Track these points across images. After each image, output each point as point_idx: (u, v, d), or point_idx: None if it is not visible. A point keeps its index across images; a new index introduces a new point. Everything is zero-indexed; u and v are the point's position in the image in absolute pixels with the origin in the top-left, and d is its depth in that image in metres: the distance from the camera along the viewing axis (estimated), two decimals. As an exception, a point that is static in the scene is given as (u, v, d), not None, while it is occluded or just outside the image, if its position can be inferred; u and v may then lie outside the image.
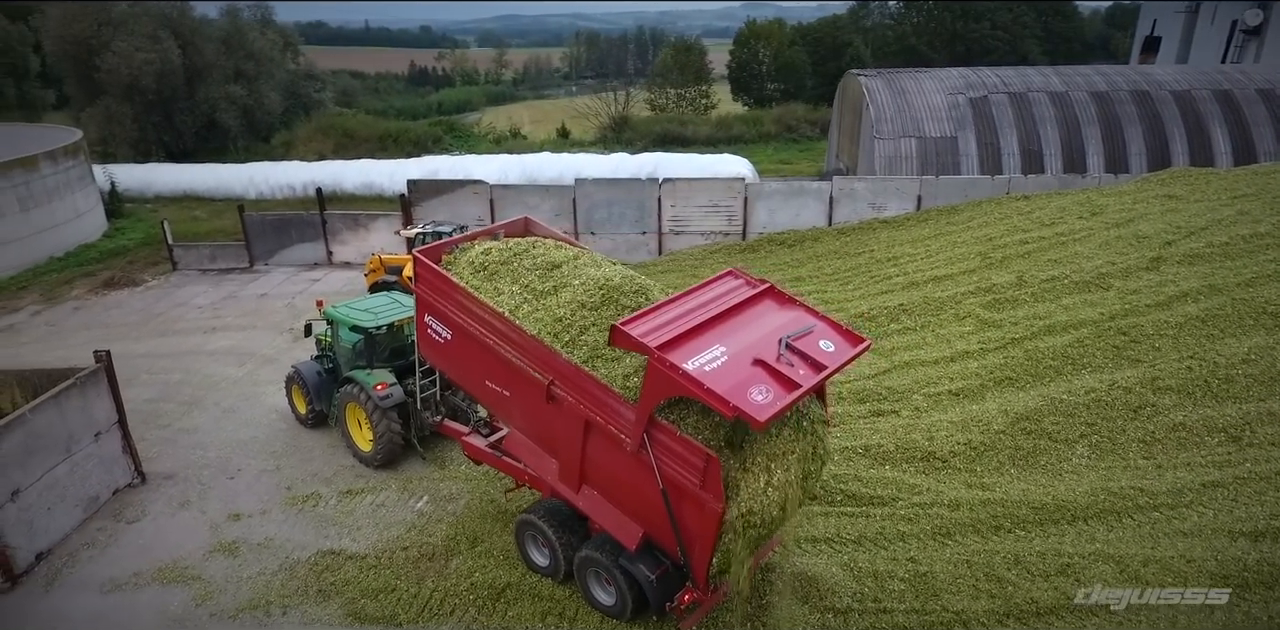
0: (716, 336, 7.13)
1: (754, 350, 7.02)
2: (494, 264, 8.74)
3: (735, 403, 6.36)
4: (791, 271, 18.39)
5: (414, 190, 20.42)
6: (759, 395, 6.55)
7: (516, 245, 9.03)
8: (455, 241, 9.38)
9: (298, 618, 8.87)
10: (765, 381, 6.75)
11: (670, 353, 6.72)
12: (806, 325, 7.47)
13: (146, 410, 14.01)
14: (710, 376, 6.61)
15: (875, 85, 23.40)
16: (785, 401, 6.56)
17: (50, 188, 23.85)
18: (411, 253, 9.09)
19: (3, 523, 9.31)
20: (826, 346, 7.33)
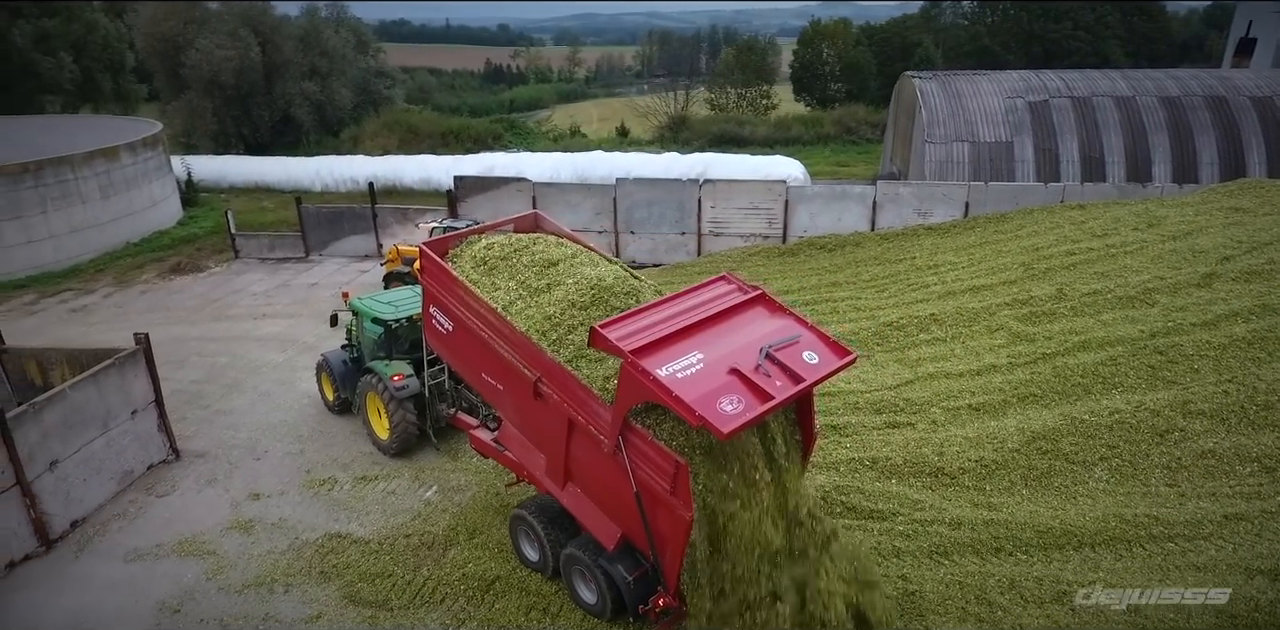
0: (696, 343, 7.06)
1: (732, 358, 6.92)
2: (494, 259, 8.88)
3: (701, 412, 6.29)
4: (828, 277, 18.08)
5: (460, 186, 20.89)
6: (728, 405, 6.46)
7: (519, 241, 9.15)
8: (464, 234, 9.57)
9: (298, 597, 9.23)
10: (738, 391, 6.64)
11: (644, 358, 6.70)
12: (792, 335, 7.34)
13: (191, 390, 14.79)
14: (680, 384, 6.55)
15: (929, 88, 22.75)
16: (755, 413, 6.46)
17: (129, 177, 25.30)
18: (419, 245, 9.32)
19: (40, 491, 9.99)
20: (810, 358, 7.17)
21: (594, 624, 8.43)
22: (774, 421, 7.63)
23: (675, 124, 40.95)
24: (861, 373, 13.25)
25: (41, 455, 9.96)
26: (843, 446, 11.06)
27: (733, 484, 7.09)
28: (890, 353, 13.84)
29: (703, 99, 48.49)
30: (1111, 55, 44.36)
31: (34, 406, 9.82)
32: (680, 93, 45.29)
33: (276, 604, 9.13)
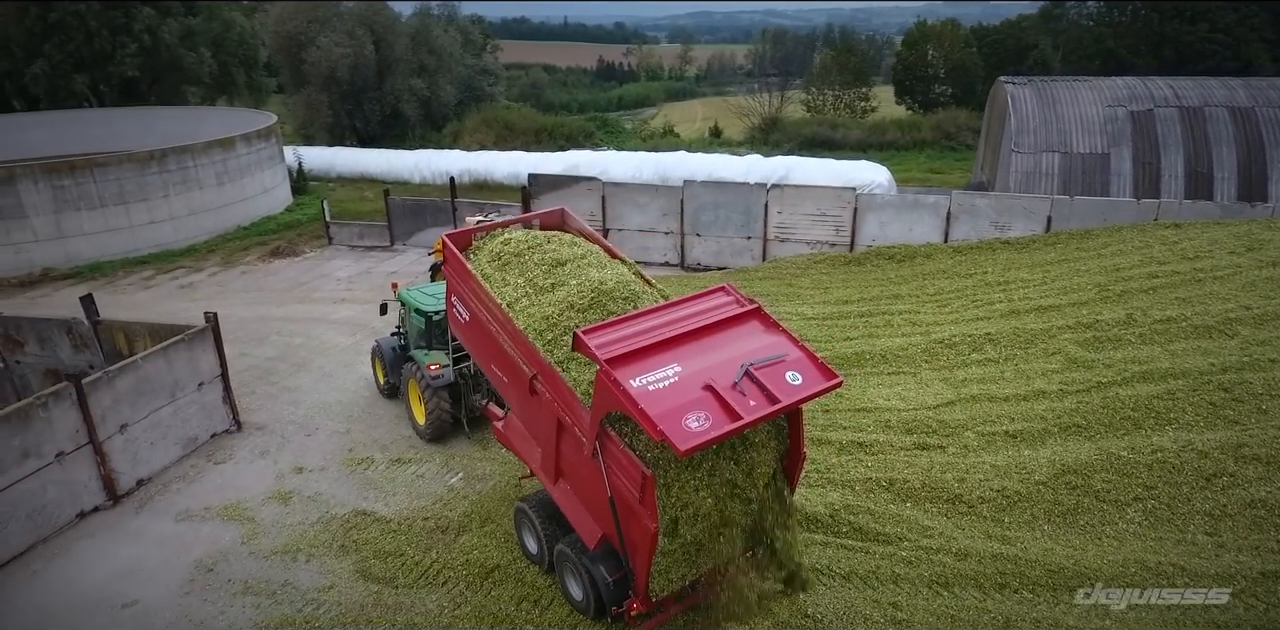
0: (677, 355, 7.03)
1: (710, 374, 6.86)
2: (509, 255, 9.12)
3: (663, 427, 6.27)
4: (892, 288, 17.52)
5: (534, 184, 21.48)
6: (695, 422, 6.42)
7: (534, 238, 9.35)
8: (489, 227, 9.88)
9: (316, 567, 9.87)
10: (708, 408, 6.57)
11: (620, 367, 6.73)
12: (778, 354, 7.21)
13: (265, 367, 15.94)
14: (649, 396, 6.54)
15: (1022, 94, 21.55)
16: (719, 432, 6.39)
17: (243, 166, 27.36)
18: (442, 236, 9.71)
19: (111, 450, 11.08)
20: (793, 379, 7.02)
21: (579, 620, 8.62)
22: (759, 438, 7.55)
23: (767, 125, 40.46)
24: (903, 390, 12.85)
25: (113, 418, 11.04)
26: (863, 465, 10.79)
27: (708, 500, 7.09)
28: (937, 371, 13.33)
29: (798, 100, 47.62)
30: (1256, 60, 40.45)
31: (108, 374, 10.90)
32: (776, 94, 44.64)
33: (296, 572, 9.79)
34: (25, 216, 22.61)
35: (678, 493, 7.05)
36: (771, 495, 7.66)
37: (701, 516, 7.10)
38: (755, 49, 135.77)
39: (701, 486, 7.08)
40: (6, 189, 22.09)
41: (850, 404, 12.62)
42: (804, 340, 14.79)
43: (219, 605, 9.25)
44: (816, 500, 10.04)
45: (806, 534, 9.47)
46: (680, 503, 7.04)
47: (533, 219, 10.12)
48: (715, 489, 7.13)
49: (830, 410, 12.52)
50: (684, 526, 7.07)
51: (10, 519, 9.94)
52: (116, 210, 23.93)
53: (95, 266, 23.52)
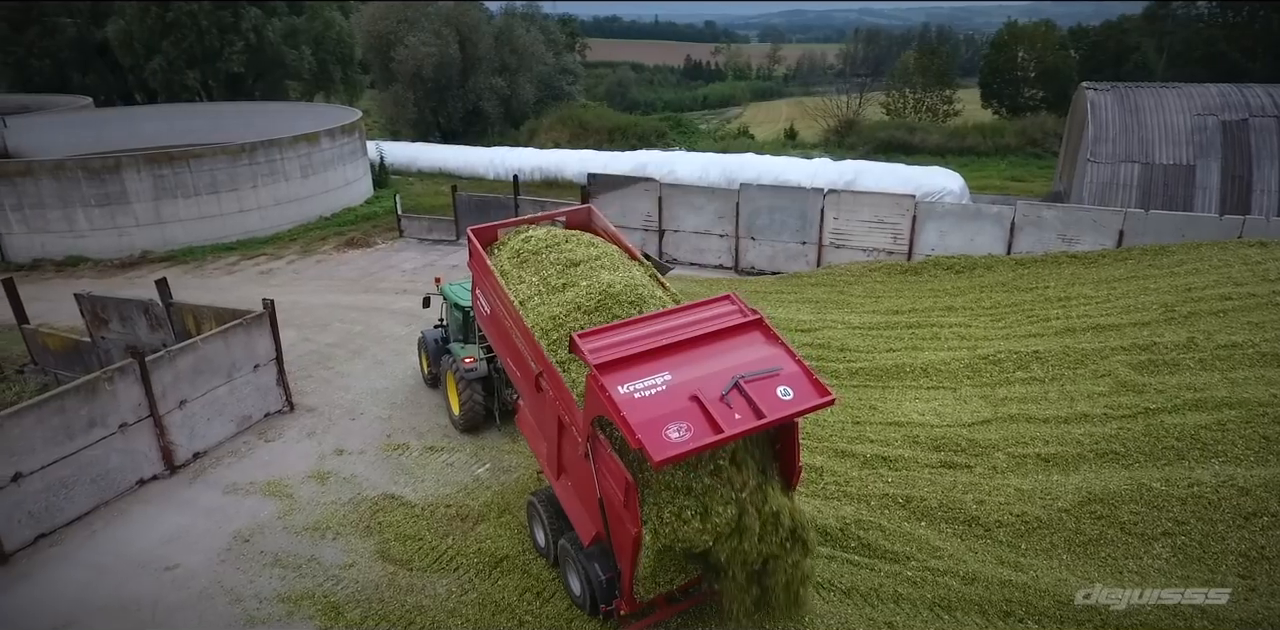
0: (669, 363, 7.05)
1: (699, 384, 6.86)
2: (527, 252, 9.36)
3: (641, 436, 6.33)
4: (946, 300, 16.99)
5: (593, 183, 21.80)
6: (675, 432, 6.44)
7: (553, 237, 9.55)
8: (515, 223, 10.16)
9: (341, 546, 10.40)
10: (691, 419, 6.58)
11: (609, 373, 6.82)
12: (771, 367, 7.14)
13: (323, 352, 16.79)
14: (633, 404, 6.60)
15: (1102, 100, 20.43)
16: (698, 444, 6.40)
17: (327, 159, 28.76)
18: (469, 229, 10.02)
19: (170, 424, 11.95)
20: (783, 394, 6.93)
21: (575, 614, 8.80)
22: (744, 450, 7.54)
23: (843, 128, 39.63)
24: (939, 406, 12.51)
25: (173, 394, 11.90)
26: (884, 480, 10.59)
27: (687, 511, 7.15)
28: (978, 388, 12.91)
29: (878, 102, 46.37)
30: (1396, 65, 37.00)
31: (169, 353, 11.76)
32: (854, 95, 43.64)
33: (323, 549, 10.34)
34: (128, 202, 24.44)
35: (656, 498, 7.13)
36: (766, 507, 7.59)
37: (687, 524, 7.15)
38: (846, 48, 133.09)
39: (684, 496, 7.14)
40: (112, 177, 23.94)
41: (883, 417, 12.38)
42: (844, 349, 14.70)
43: (249, 575, 9.88)
44: (829, 513, 9.92)
45: (812, 547, 9.38)
46: (661, 510, 7.12)
47: (559, 216, 10.31)
48: (699, 499, 7.17)
49: (861, 423, 12.32)
50: (667, 533, 7.14)
51: (76, 482, 10.86)
52: (209, 199, 25.58)
53: (188, 251, 25.21)
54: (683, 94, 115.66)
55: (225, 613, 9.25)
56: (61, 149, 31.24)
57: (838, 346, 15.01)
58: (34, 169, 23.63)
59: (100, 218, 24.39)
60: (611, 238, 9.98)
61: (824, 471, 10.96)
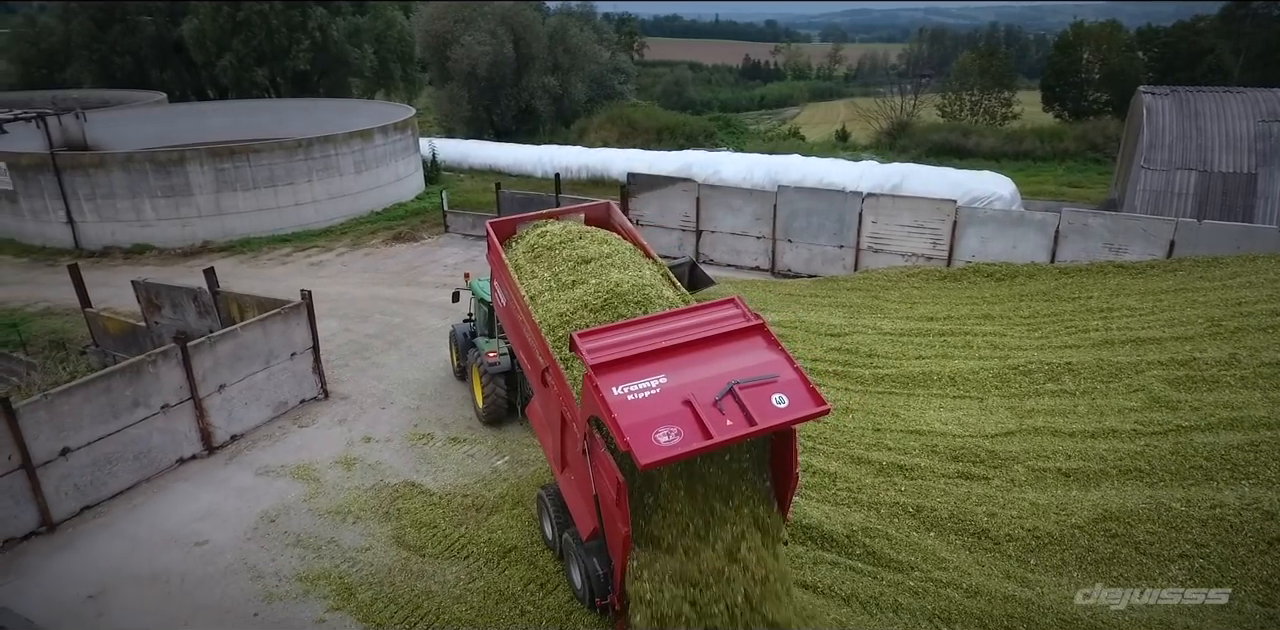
0: (666, 366, 7.05)
1: (693, 388, 6.85)
2: (541, 247, 9.51)
3: (630, 438, 6.36)
4: (983, 308, 16.63)
5: (632, 183, 21.94)
6: (664, 436, 6.45)
7: (569, 233, 9.67)
8: (534, 217, 10.32)
9: (360, 529, 10.77)
10: (682, 424, 6.58)
11: (604, 374, 6.86)
12: (769, 374, 7.10)
13: (362, 342, 17.34)
14: (625, 406, 6.62)
15: (1159, 105, 19.63)
16: (686, 449, 6.39)
17: (380, 155, 29.58)
18: (487, 222, 10.23)
19: (209, 407, 12.53)
20: (778, 402, 6.87)
21: (575, 607, 8.97)
22: (733, 457, 7.55)
23: (895, 130, 38.89)
24: (963, 415, 12.29)
25: (213, 379, 12.47)
26: (896, 488, 10.48)
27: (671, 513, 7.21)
28: (1005, 399, 12.63)
29: (933, 104, 45.30)
30: None
31: (210, 340, 12.33)
32: (908, 97, 42.79)
33: (343, 532, 10.74)
34: (191, 194, 25.58)
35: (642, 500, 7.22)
36: (755, 516, 7.59)
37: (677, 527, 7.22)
38: (909, 48, 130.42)
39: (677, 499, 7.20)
40: (177, 170, 25.08)
41: (904, 425, 12.22)
42: (872, 355, 14.52)
43: (271, 553, 10.32)
44: (837, 519, 9.87)
45: (817, 552, 9.37)
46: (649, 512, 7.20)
47: (579, 211, 10.43)
48: (691, 502, 7.23)
49: (881, 429, 12.19)
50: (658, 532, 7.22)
51: (120, 458, 11.49)
52: (267, 192, 26.59)
53: (246, 242, 26.25)
54: (740, 94, 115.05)
55: (246, 588, 9.70)
56: (135, 142, 32.85)
57: (866, 352, 14.84)
58: (106, 161, 24.92)
59: (165, 208, 25.59)
60: (628, 234, 10.07)
61: (837, 477, 10.89)
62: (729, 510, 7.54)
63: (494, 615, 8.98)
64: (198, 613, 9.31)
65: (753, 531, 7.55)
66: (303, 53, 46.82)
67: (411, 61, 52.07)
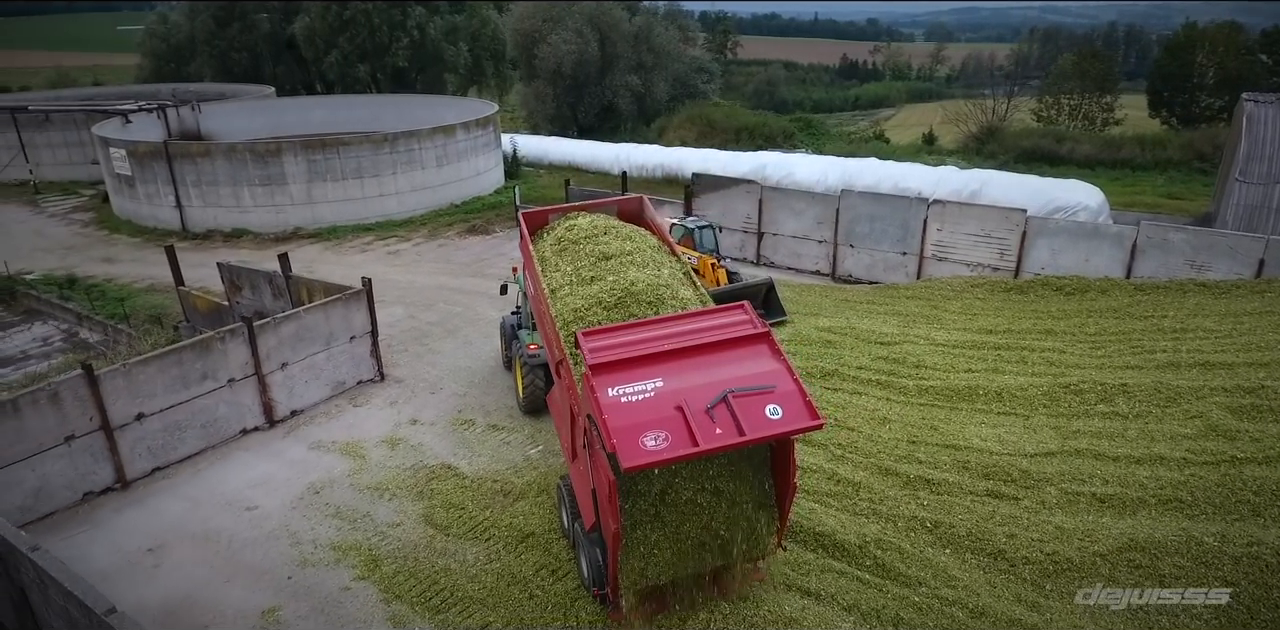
0: (665, 369, 7.14)
1: (688, 394, 6.90)
2: (568, 241, 9.74)
3: (616, 440, 6.50)
4: (1047, 322, 15.96)
5: (697, 183, 22.03)
6: (651, 441, 6.54)
7: (595, 227, 9.85)
8: (565, 209, 10.58)
9: (394, 506, 11.37)
10: (671, 429, 6.65)
11: (601, 374, 7.02)
12: (765, 384, 7.10)
13: (423, 330, 18.12)
14: (618, 408, 6.75)
15: (1261, 114, 18.21)
16: (671, 455, 6.49)
17: (461, 150, 30.65)
18: (519, 213, 10.58)
19: (272, 383, 13.43)
20: (772, 413, 6.87)
21: (581, 594, 9.23)
22: (733, 460, 7.62)
23: (984, 134, 37.35)
24: (1004, 432, 11.92)
25: (276, 357, 13.36)
26: (919, 502, 10.29)
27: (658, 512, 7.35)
28: (1053, 418, 12.16)
29: (1027, 108, 43.13)
30: None
31: (274, 321, 13.22)
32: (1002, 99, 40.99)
33: (378, 507, 11.36)
34: (286, 183, 27.21)
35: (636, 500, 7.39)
36: (752, 521, 7.64)
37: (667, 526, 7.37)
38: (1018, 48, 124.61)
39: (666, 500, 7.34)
40: (274, 160, 26.73)
41: (940, 439, 11.94)
42: (919, 366, 14.20)
43: (311, 522, 11.03)
44: (852, 529, 9.78)
45: (826, 560, 9.33)
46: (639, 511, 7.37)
47: (612, 205, 10.61)
48: (680, 506, 7.36)
49: (916, 442, 11.95)
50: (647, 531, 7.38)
51: (189, 426, 12.49)
52: (353, 183, 28.00)
53: (332, 229, 27.73)
54: (834, 94, 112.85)
55: (285, 553, 10.41)
56: (244, 133, 35.14)
57: (913, 363, 14.52)
58: (211, 150, 26.81)
59: (262, 196, 27.31)
60: (657, 230, 10.19)
61: (861, 487, 10.77)
62: (727, 512, 7.64)
63: (504, 596, 9.35)
64: (239, 572, 10.07)
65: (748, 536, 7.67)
66: (401, 50, 48.89)
67: (503, 59, 53.52)
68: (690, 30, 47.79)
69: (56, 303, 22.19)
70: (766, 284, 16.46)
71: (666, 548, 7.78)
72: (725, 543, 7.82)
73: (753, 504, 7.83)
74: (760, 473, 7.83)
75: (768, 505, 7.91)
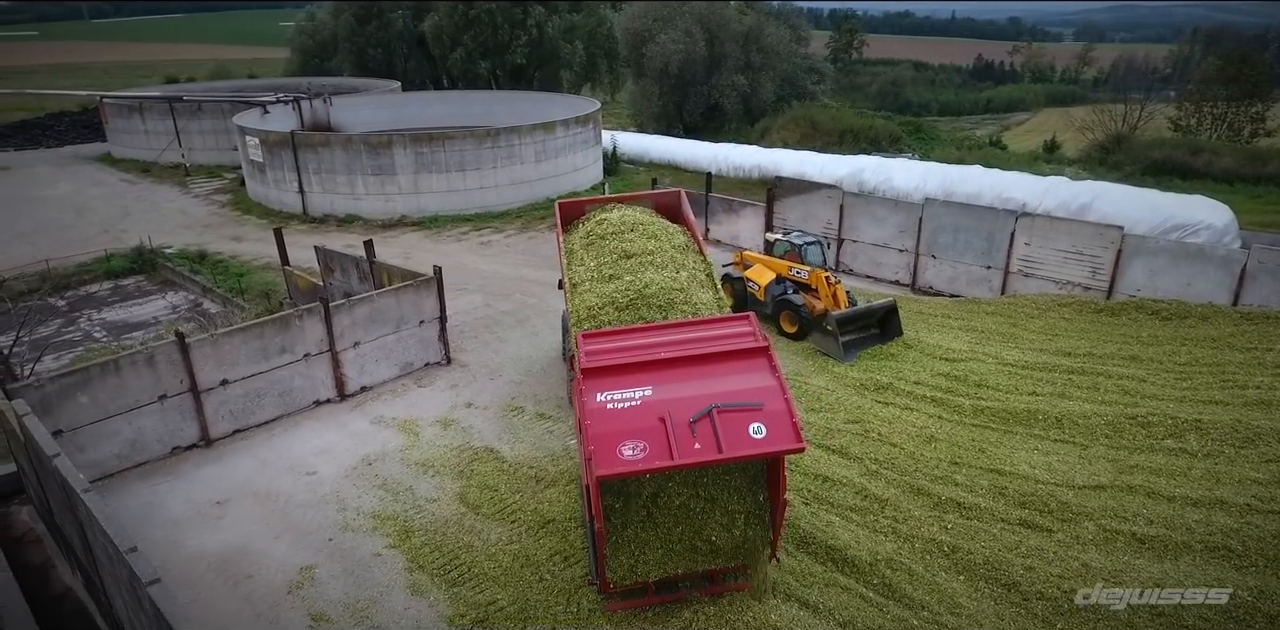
0: (658, 377, 7.20)
1: (675, 405, 6.93)
2: (596, 236, 9.99)
3: (594, 447, 6.67)
4: (1134, 348, 14.92)
5: (778, 186, 21.82)
6: (629, 450, 6.64)
7: (625, 223, 10.03)
8: (602, 201, 10.80)
9: (435, 483, 12.06)
10: (650, 440, 6.70)
11: (593, 378, 7.20)
12: (754, 401, 7.04)
13: (495, 318, 18.93)
14: (602, 414, 6.89)
15: None
16: (646, 467, 6.59)
17: (560, 146, 31.55)
18: (556, 202, 10.88)
19: (344, 360, 14.47)
20: (755, 432, 6.83)
21: (585, 582, 9.53)
22: (722, 473, 7.66)
23: (1111, 143, 34.70)
24: (1056, 461, 11.35)
25: (349, 336, 14.38)
26: (942, 525, 10.00)
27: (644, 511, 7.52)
28: (1113, 450, 11.45)
29: (1165, 116, 39.61)
30: None
31: (349, 302, 14.22)
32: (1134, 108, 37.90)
33: (421, 483, 12.08)
34: (395, 174, 28.91)
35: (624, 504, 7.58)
36: (744, 531, 7.69)
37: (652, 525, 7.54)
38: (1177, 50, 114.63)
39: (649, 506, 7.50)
40: (385, 152, 28.45)
41: (985, 462, 11.50)
42: (981, 386, 13.66)
43: (359, 491, 11.88)
44: (866, 545, 9.63)
45: (833, 574, 9.24)
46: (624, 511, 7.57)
47: (648, 198, 10.76)
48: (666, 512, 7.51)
49: (958, 463, 11.57)
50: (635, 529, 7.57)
51: (267, 394, 13.67)
52: (456, 175, 29.40)
53: (434, 219, 29.24)
54: (964, 96, 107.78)
55: (331, 517, 11.27)
56: (369, 124, 37.50)
57: (975, 381, 13.98)
58: (330, 141, 28.84)
59: (373, 185, 29.14)
60: (688, 226, 10.26)
61: (887, 505, 10.55)
62: (719, 520, 7.72)
63: (516, 577, 9.80)
64: (288, 530, 11.00)
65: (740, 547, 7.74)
66: (520, 48, 50.67)
67: (617, 57, 54.43)
68: (802, 29, 46.92)
69: (187, 275, 24.55)
70: (890, 305, 15.77)
71: (657, 547, 7.96)
72: (715, 548, 7.92)
73: (745, 515, 7.88)
74: (756, 484, 7.86)
75: (761, 516, 7.93)
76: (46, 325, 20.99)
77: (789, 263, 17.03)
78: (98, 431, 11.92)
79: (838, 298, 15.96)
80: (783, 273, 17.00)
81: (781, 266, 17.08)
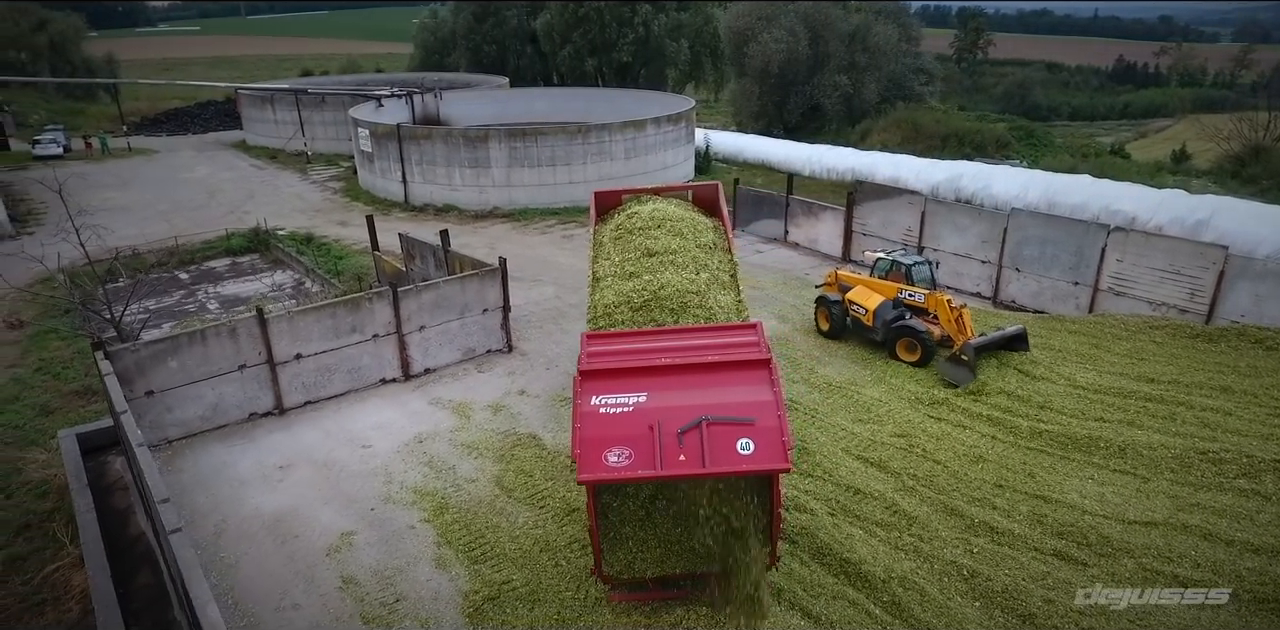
0: (655, 384, 7.23)
1: (667, 414, 6.94)
2: (624, 230, 10.10)
3: (580, 451, 6.79)
4: (1227, 378, 13.75)
5: (859, 191, 21.29)
6: (614, 457, 6.71)
7: (654, 218, 10.09)
8: (638, 192, 10.88)
9: (475, 465, 12.58)
10: (636, 448, 6.73)
11: (590, 381, 7.32)
12: (746, 416, 6.97)
13: (560, 309, 19.41)
14: (594, 418, 6.99)
15: None
16: (629, 475, 6.66)
17: (650, 144, 31.86)
18: (593, 192, 11.04)
19: (409, 342, 15.26)
20: (742, 447, 6.77)
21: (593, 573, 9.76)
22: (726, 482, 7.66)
23: (1248, 154, 31.67)
24: (1111, 493, 10.74)
25: (415, 320, 15.16)
26: (969, 549, 9.64)
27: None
28: (1176, 485, 10.70)
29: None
30: None
31: (416, 288, 14.98)
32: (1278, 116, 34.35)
33: (463, 463, 12.64)
34: (489, 167, 30.02)
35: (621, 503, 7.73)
36: (742, 539, 7.70)
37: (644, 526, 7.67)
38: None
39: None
40: (481, 145, 29.59)
41: (1032, 488, 10.99)
42: (1044, 407, 13.00)
43: (406, 466, 12.55)
44: (882, 562, 9.41)
45: (843, 587, 9.09)
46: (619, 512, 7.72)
47: (685, 191, 10.79)
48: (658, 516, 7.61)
49: (1003, 486, 11.12)
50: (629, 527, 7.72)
51: (337, 370, 14.61)
52: (547, 170, 30.23)
53: (523, 211, 30.18)
54: (1099, 100, 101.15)
55: (377, 489, 11.98)
56: (476, 119, 39.01)
57: (1039, 403, 13.31)
58: (432, 134, 30.23)
59: (469, 176, 30.36)
60: (723, 220, 10.23)
61: (915, 522, 10.26)
62: (716, 527, 7.76)
63: (534, 560, 10.14)
64: (337, 497, 11.77)
65: None
66: (627, 45, 51.31)
67: (721, 56, 54.29)
68: (913, 28, 45.23)
69: (294, 256, 26.38)
70: (1020, 330, 14.86)
71: (655, 546, 8.08)
72: (712, 552, 7.96)
73: (742, 524, 7.87)
74: (760, 495, 7.83)
75: (760, 526, 7.90)
76: (170, 295, 23.08)
77: (896, 284, 15.73)
78: (185, 394, 13.11)
79: (963, 323, 14.58)
80: (891, 295, 15.74)
81: (889, 288, 15.80)
